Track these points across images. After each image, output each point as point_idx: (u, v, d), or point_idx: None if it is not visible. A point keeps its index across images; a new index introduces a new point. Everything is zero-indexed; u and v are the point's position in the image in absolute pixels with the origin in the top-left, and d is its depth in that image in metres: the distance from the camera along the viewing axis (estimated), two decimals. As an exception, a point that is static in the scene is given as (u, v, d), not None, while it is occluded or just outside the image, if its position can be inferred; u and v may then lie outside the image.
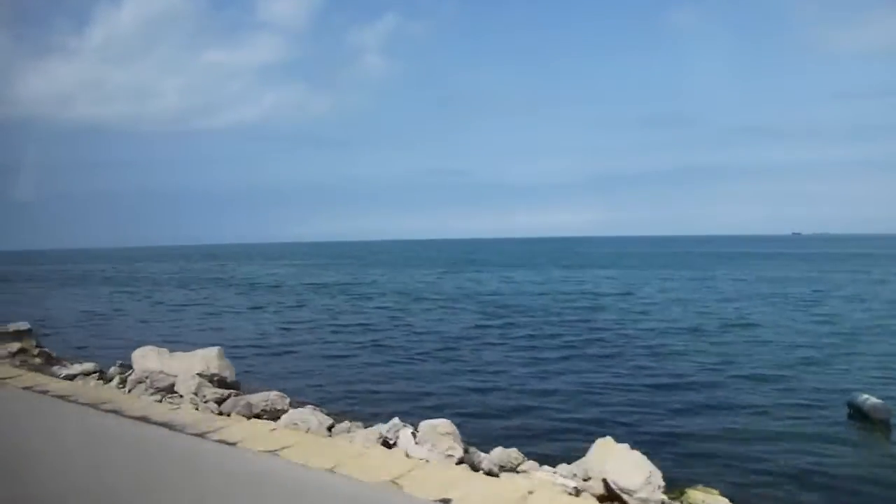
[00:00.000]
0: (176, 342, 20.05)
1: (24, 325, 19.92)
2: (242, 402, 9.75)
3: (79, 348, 19.68)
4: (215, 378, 11.21)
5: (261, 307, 30.32)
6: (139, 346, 19.79)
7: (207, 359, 11.58)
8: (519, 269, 60.80)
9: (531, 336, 19.93)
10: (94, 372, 13.13)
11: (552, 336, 19.84)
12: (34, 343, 19.70)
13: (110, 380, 12.45)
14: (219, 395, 10.18)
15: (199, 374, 10.98)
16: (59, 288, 47.29)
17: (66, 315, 28.41)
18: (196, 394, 10.33)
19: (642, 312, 25.49)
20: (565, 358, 16.20)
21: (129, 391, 10.78)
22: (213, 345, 18.61)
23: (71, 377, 12.40)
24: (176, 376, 10.94)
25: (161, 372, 11.07)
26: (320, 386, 13.65)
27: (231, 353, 17.45)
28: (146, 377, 11.08)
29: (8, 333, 19.48)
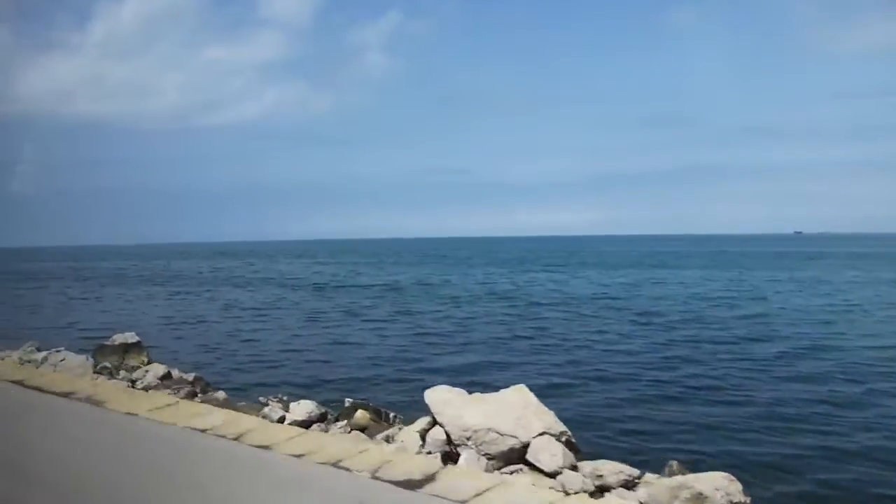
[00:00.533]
0: (317, 360, 16.41)
1: (132, 337, 16.29)
2: (686, 494, 6.09)
3: (198, 367, 15.84)
4: (563, 438, 7.53)
5: (358, 314, 26.47)
6: (275, 365, 15.82)
7: (526, 404, 7.90)
8: (584, 268, 56.97)
9: (782, 358, 16.05)
10: (322, 415, 9.41)
11: (801, 357, 16.06)
12: (146, 359, 16.13)
13: (361, 429, 8.74)
14: (624, 476, 6.49)
15: (548, 433, 7.31)
16: (99, 288, 43.32)
17: (143, 321, 24.60)
18: (577, 470, 6.66)
19: (827, 322, 21.94)
20: None
21: (442, 457, 7.08)
22: (364, 369, 14.67)
23: (304, 425, 8.70)
24: (515, 437, 7.25)
25: (490, 430, 7.36)
26: (637, 443, 9.70)
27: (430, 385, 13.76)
28: (467, 437, 7.37)
29: (113, 347, 15.88)
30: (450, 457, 7.45)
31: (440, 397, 7.93)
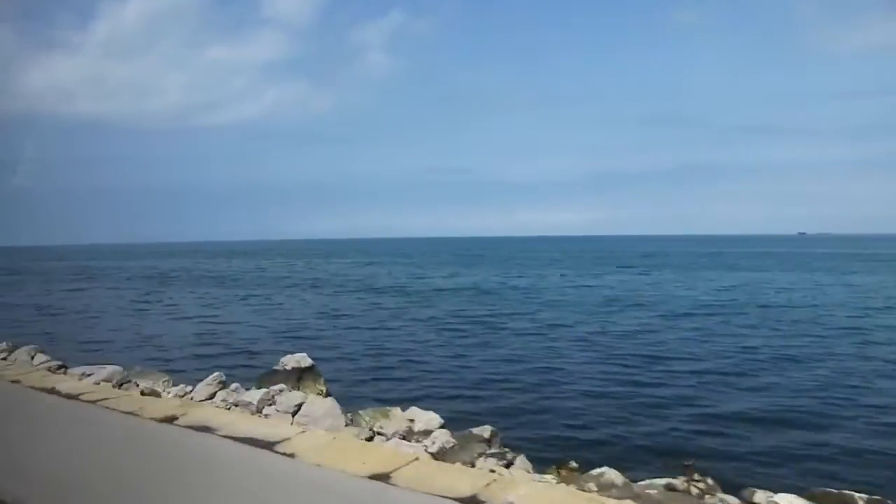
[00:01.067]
0: (557, 397, 12.74)
1: (304, 359, 12.83)
2: None
3: (395, 401, 12.23)
4: None
5: (493, 325, 22.75)
6: (517, 406, 11.54)
7: None
8: (658, 269, 53.12)
9: None
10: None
11: None
12: (324, 388, 12.64)
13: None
14: None
15: None
16: (153, 291, 39.46)
17: (248, 332, 20.91)
18: None
19: None
20: None
21: None
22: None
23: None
24: None
25: None
26: None
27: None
28: None
29: (285, 372, 12.43)
30: None
31: None
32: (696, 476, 7.16)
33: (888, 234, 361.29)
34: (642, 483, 7.29)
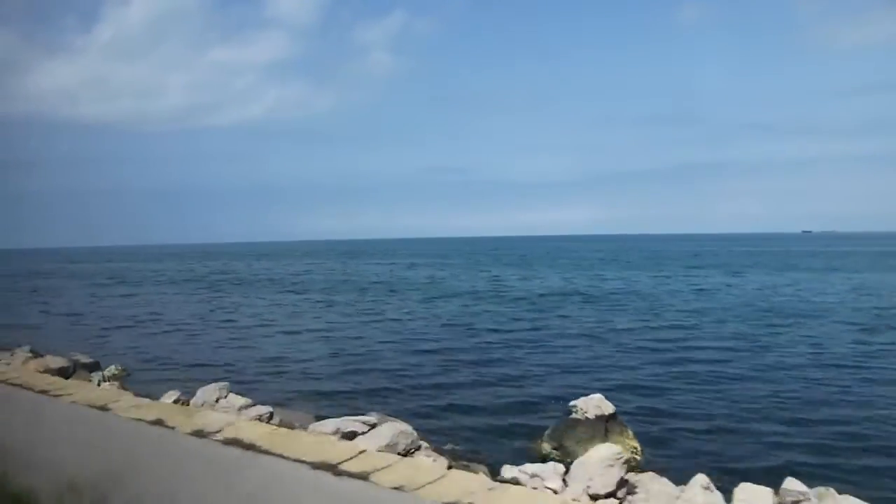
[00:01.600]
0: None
1: (605, 404, 10.09)
2: None
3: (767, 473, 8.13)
4: None
5: (680, 340, 18.95)
6: None
7: None
8: (745, 271, 48.92)
9: None
10: None
11: None
12: (637, 445, 9.16)
13: None
14: None
15: None
16: (221, 293, 35.56)
17: (402, 359, 16.96)
18: None
19: None
20: None
21: None
22: None
23: None
24: None
25: None
26: None
27: None
28: None
29: (589, 423, 9.98)
30: None
31: None
32: None
33: (894, 231, 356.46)
34: None
